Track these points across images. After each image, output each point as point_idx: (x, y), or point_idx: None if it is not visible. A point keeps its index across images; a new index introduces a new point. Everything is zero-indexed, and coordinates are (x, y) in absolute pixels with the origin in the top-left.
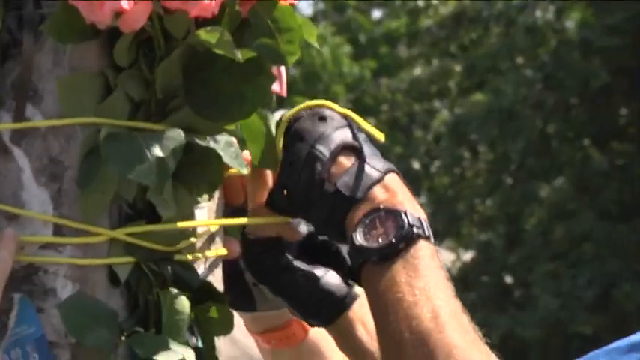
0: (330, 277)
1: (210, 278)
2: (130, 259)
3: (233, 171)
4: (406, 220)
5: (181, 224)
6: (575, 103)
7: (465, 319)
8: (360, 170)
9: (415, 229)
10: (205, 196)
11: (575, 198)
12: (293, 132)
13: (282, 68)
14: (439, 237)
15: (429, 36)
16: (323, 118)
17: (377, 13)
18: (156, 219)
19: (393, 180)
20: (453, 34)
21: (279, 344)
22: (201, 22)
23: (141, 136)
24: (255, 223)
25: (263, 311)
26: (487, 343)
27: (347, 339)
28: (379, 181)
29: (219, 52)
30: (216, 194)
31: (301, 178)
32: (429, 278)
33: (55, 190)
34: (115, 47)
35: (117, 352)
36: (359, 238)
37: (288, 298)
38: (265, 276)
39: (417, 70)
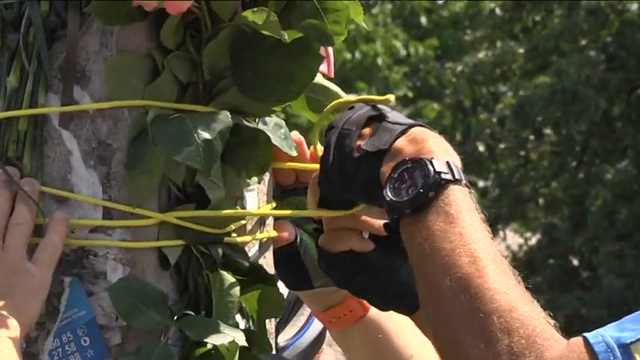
0: (407, 268)
1: (261, 261)
2: (179, 241)
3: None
4: (432, 168)
5: (225, 212)
6: (639, 83)
7: (504, 262)
8: (384, 128)
9: (443, 175)
10: (255, 178)
11: (639, 179)
12: (327, 126)
13: (330, 49)
14: (504, 220)
15: (492, 19)
16: (351, 107)
17: None
18: (205, 202)
19: (421, 131)
20: (515, 16)
21: (340, 323)
22: (247, 3)
23: (189, 118)
24: (303, 214)
25: (319, 287)
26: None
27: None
28: (403, 132)
29: (266, 32)
30: (267, 176)
31: (335, 157)
32: (464, 223)
33: (103, 172)
34: (162, 29)
35: (167, 335)
36: (389, 193)
37: (367, 297)
38: (343, 281)
39: (481, 54)
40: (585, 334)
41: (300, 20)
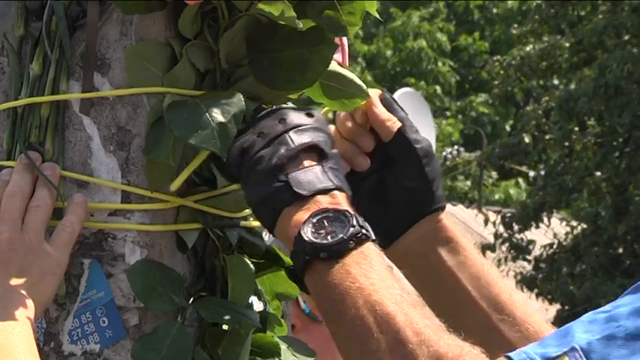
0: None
1: (277, 244)
2: (196, 225)
3: None
4: (355, 221)
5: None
6: None
7: (427, 308)
8: (316, 174)
9: (364, 231)
10: None
11: None
12: (282, 109)
13: (344, 39)
14: (549, 208)
15: (538, 14)
16: (310, 115)
17: None
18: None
19: (342, 196)
20: (561, 11)
21: None
22: None
23: (203, 103)
24: None
25: None
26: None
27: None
28: (328, 190)
29: (281, 21)
30: None
31: (263, 152)
32: (382, 273)
33: (123, 157)
34: (180, 18)
35: (184, 316)
36: (309, 234)
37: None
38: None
39: (528, 47)
40: (508, 354)
41: (316, 10)
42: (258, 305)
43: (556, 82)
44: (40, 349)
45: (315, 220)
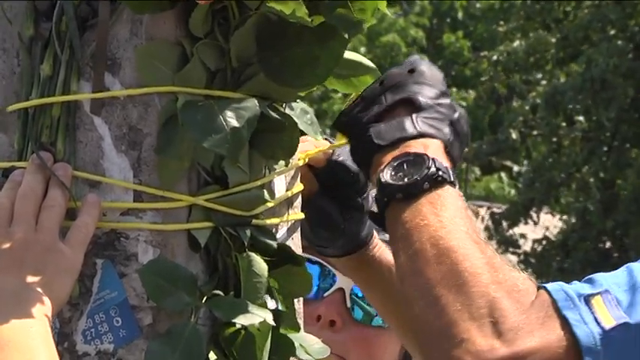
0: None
1: (289, 242)
2: (209, 224)
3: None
4: (432, 164)
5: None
6: None
7: (490, 248)
8: (399, 123)
9: (441, 173)
10: (282, 162)
11: None
12: (385, 74)
13: None
14: (538, 204)
15: (524, 10)
16: (412, 70)
17: None
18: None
19: (432, 142)
20: (547, 6)
21: None
22: None
23: (217, 105)
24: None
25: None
26: None
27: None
28: (411, 137)
29: (292, 19)
30: (294, 159)
31: (360, 113)
32: (454, 212)
33: (134, 157)
34: (190, 17)
35: (197, 315)
36: (386, 176)
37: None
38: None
39: (515, 43)
40: (544, 285)
41: (328, 9)
42: (271, 303)
43: (540, 76)
44: None
45: (395, 164)
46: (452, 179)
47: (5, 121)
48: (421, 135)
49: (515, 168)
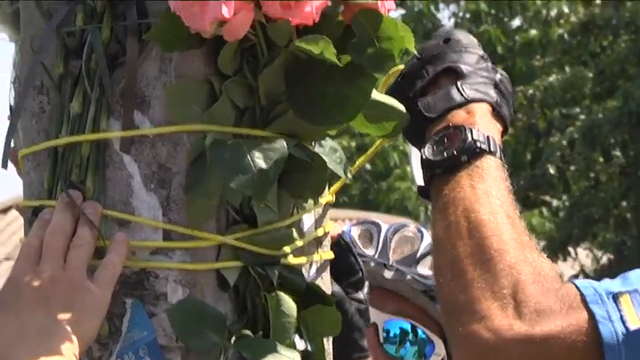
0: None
1: (318, 281)
2: (238, 263)
3: None
4: (470, 135)
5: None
6: None
7: (521, 223)
8: (446, 93)
9: (479, 144)
10: (311, 201)
11: None
12: (421, 47)
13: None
14: (575, 240)
15: (561, 44)
16: (447, 40)
17: (514, 22)
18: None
19: (479, 107)
20: (583, 41)
21: None
22: (302, 29)
23: (245, 144)
24: None
25: None
26: None
27: None
28: (459, 105)
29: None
30: (322, 198)
31: (404, 90)
32: (491, 184)
33: (163, 195)
34: (219, 55)
35: (226, 356)
36: (427, 152)
37: None
38: None
39: (551, 78)
40: (574, 281)
41: (355, 46)
42: (300, 344)
43: (577, 111)
44: None
45: (437, 138)
46: (492, 149)
47: (35, 159)
48: (469, 101)
49: (555, 203)
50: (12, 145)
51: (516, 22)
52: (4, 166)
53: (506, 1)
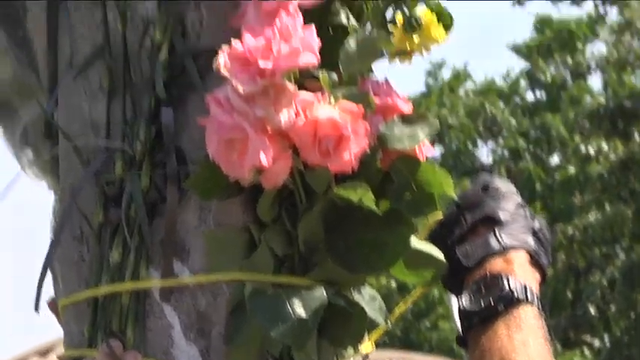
0: None
1: None
2: None
3: None
4: (507, 285)
5: None
6: None
7: None
8: (484, 241)
9: (516, 293)
10: (351, 350)
11: None
12: (460, 195)
13: None
14: None
15: (600, 182)
16: (486, 188)
17: (553, 160)
18: None
19: (517, 255)
20: (623, 179)
21: None
22: (341, 175)
23: (285, 293)
24: None
25: None
26: None
27: None
28: (497, 253)
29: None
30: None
31: (442, 238)
32: (528, 333)
33: (203, 345)
34: (258, 203)
35: None
36: (464, 301)
37: None
38: None
39: (591, 216)
40: None
41: (394, 193)
42: None
43: (617, 249)
44: None
45: (474, 287)
46: (529, 298)
47: (75, 309)
48: (507, 249)
49: (596, 343)
50: (43, 290)
51: (555, 160)
52: (37, 309)
53: (545, 139)
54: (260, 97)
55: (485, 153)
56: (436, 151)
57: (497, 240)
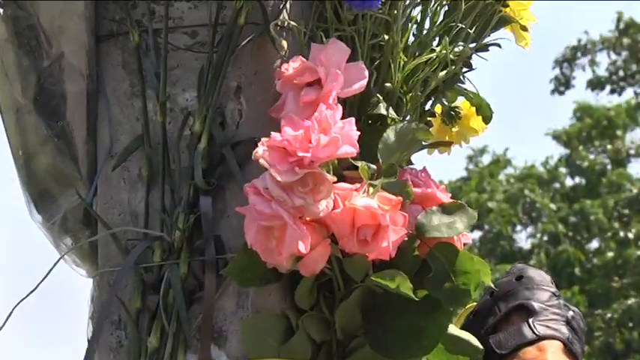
0: None
1: None
2: None
3: None
4: None
5: None
6: None
7: None
8: (518, 330)
9: None
10: None
11: None
12: (494, 285)
13: None
14: None
15: (638, 266)
16: (520, 277)
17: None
18: None
19: (551, 344)
20: None
21: None
22: (379, 262)
23: None
24: None
25: None
26: None
27: None
28: (531, 342)
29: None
30: None
31: (476, 326)
32: None
33: None
34: (296, 290)
35: None
36: None
37: None
38: None
39: (630, 301)
40: None
41: (431, 280)
42: None
43: None
44: None
45: None
46: None
47: None
48: (540, 338)
49: None
50: None
51: (594, 244)
52: None
53: (584, 224)
54: (298, 186)
55: (523, 237)
56: (475, 235)
57: (531, 329)
